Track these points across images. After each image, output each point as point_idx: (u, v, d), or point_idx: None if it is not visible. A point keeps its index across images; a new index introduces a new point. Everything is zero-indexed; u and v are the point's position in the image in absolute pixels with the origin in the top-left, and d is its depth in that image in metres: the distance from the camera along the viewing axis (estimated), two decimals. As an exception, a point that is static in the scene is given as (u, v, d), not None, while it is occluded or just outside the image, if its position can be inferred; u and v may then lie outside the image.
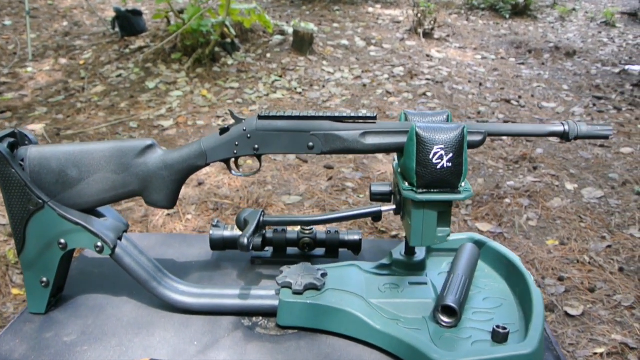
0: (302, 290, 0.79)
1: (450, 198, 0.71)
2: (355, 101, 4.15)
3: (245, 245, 0.72)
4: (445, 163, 0.69)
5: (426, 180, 0.70)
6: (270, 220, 0.82)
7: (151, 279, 0.82)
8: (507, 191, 2.90)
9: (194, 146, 0.80)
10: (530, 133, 0.77)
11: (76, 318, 0.84)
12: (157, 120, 3.76)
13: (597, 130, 0.76)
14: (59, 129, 3.53)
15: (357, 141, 0.76)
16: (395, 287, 0.83)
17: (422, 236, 0.73)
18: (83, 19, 6.15)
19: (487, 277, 0.90)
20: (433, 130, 0.70)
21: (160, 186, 0.80)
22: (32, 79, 4.39)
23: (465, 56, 5.24)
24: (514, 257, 0.88)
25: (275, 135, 0.77)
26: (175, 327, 0.82)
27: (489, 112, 3.94)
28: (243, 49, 5.16)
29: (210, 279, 0.94)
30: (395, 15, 6.65)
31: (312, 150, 0.77)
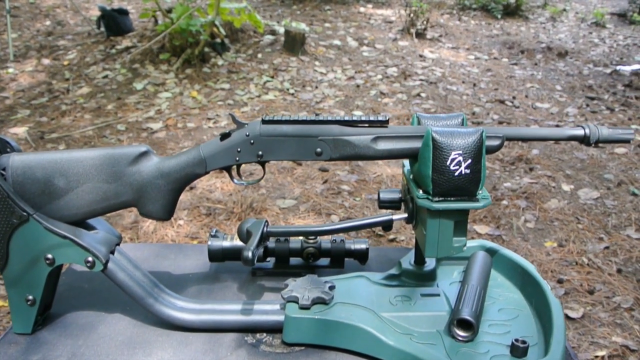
0: (309, 305, 0.74)
1: (468, 206, 0.66)
2: (348, 102, 4.10)
3: (249, 259, 0.67)
4: (463, 169, 0.64)
5: (443, 188, 0.66)
6: (274, 231, 0.77)
7: (147, 295, 0.77)
8: (504, 193, 2.87)
9: (193, 153, 0.74)
10: (550, 137, 0.72)
11: (65, 338, 0.78)
12: (145, 122, 3.69)
13: (619, 134, 0.72)
14: (42, 132, 3.44)
15: (368, 147, 0.71)
16: (407, 299, 0.78)
17: (438, 247, 0.68)
18: (66, 18, 6.04)
19: (501, 287, 0.85)
20: (450, 135, 0.65)
21: (156, 196, 0.74)
22: (13, 80, 4.29)
23: (458, 56, 5.22)
24: (529, 265, 0.84)
25: (281, 141, 0.72)
26: (174, 346, 0.76)
27: (484, 113, 3.91)
28: (233, 49, 5.10)
29: (209, 292, 0.89)
30: (387, 15, 6.62)
31: (320, 156, 0.72)
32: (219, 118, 3.81)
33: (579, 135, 0.72)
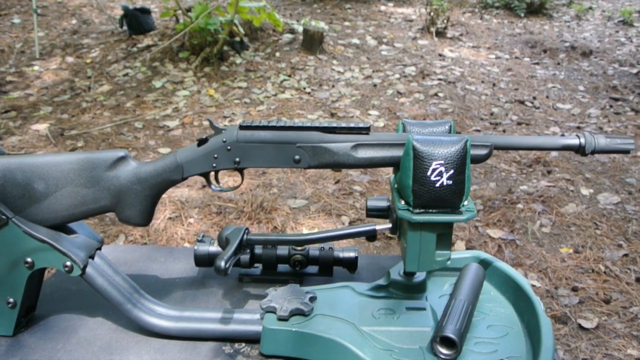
0: (287, 316, 0.72)
1: (450, 219, 0.63)
2: (365, 101, 4.07)
3: (222, 268, 0.65)
4: (445, 180, 0.61)
5: (423, 199, 0.63)
6: (254, 239, 0.75)
7: (126, 300, 0.76)
8: (519, 196, 2.81)
9: (170, 159, 0.73)
10: (542, 146, 0.69)
11: (45, 341, 0.78)
12: (162, 120, 3.71)
13: (617, 143, 0.67)
14: (63, 128, 3.49)
15: (348, 154, 0.68)
16: (391, 312, 0.75)
17: (419, 260, 0.65)
18: (92, 17, 6.13)
19: (493, 301, 0.82)
20: (432, 144, 0.62)
21: (133, 201, 0.73)
22: (38, 77, 4.37)
23: (479, 56, 5.13)
24: (523, 280, 0.80)
25: (258, 148, 0.70)
26: (151, 353, 0.75)
27: (502, 113, 3.84)
28: (252, 48, 5.10)
29: (193, 298, 0.88)
30: (408, 14, 6.54)
31: (298, 164, 0.70)
32: (235, 116, 3.81)
33: (573, 144, 0.68)
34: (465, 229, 2.57)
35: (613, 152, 0.68)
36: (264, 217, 2.59)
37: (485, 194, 2.82)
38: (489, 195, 2.81)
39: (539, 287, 2.20)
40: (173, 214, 2.59)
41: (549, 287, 2.20)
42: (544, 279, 2.26)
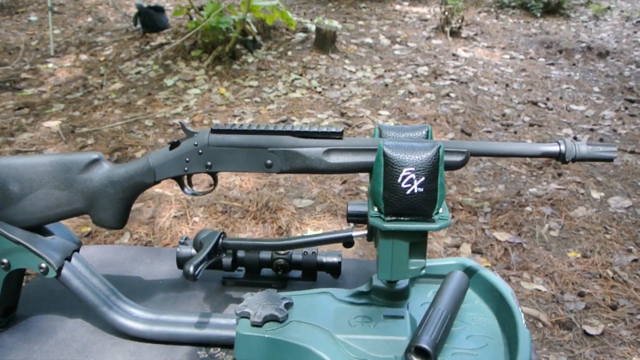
0: (260, 322, 0.71)
1: (421, 228, 0.61)
2: (375, 101, 4.04)
3: (190, 273, 0.64)
4: (415, 188, 0.59)
5: (394, 207, 0.61)
6: (230, 244, 0.74)
7: (101, 303, 0.76)
8: (528, 198, 2.76)
9: (142, 162, 0.72)
10: (521, 153, 0.67)
11: (23, 342, 0.78)
12: (172, 118, 3.73)
13: (599, 151, 0.65)
14: (74, 126, 3.53)
15: (320, 159, 0.67)
16: (368, 320, 0.74)
17: (392, 269, 0.64)
18: (107, 15, 6.19)
19: (476, 311, 0.80)
20: (403, 150, 0.60)
21: (106, 204, 0.73)
22: (52, 75, 4.42)
23: (493, 56, 5.06)
24: (506, 289, 0.78)
25: (229, 152, 0.69)
26: (126, 356, 0.75)
27: (514, 114, 3.78)
28: (265, 47, 5.10)
29: (174, 300, 0.87)
30: (423, 13, 6.49)
31: (270, 168, 0.69)
32: (245, 115, 3.82)
33: (553, 152, 0.66)
34: (471, 231, 2.54)
35: (595, 160, 0.66)
36: (269, 217, 2.59)
37: (494, 196, 2.78)
38: (497, 197, 2.77)
39: (544, 291, 2.16)
40: (178, 212, 2.60)
41: (554, 292, 2.16)
42: (550, 283, 2.22)
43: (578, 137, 3.44)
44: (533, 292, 2.16)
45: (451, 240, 2.48)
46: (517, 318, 0.72)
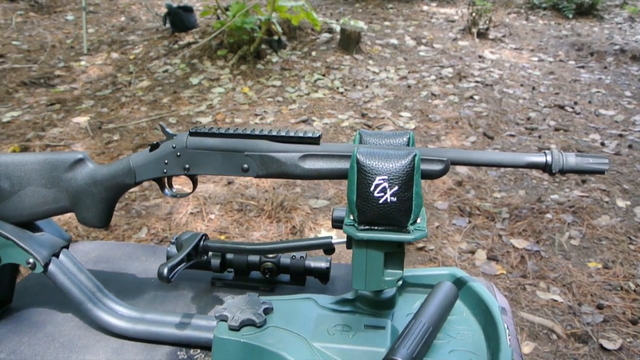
0: (237, 326, 0.71)
1: (394, 238, 0.60)
2: (397, 102, 4.01)
3: (164, 275, 0.65)
4: (389, 197, 0.58)
5: (367, 216, 0.60)
6: (211, 246, 0.74)
7: (86, 299, 0.77)
8: (549, 205, 2.70)
9: (123, 162, 0.73)
10: (504, 163, 0.64)
11: (13, 335, 0.80)
12: (196, 116, 3.78)
13: (589, 163, 0.62)
14: (101, 122, 3.61)
15: (295, 165, 0.66)
16: (348, 329, 0.73)
17: (366, 279, 0.63)
18: (140, 14, 6.31)
19: (464, 324, 0.78)
20: (376, 157, 0.59)
21: (89, 204, 0.74)
22: (84, 72, 4.53)
23: (521, 58, 4.96)
24: (493, 303, 0.76)
25: (206, 155, 0.69)
26: (108, 353, 0.76)
27: (540, 118, 3.70)
28: (290, 47, 5.12)
29: (163, 299, 0.88)
30: (450, 14, 6.41)
31: (247, 172, 0.69)
32: (266, 114, 3.84)
33: (539, 162, 0.64)
34: (488, 237, 2.49)
35: (585, 172, 0.63)
36: (283, 217, 2.60)
37: (513, 202, 2.72)
38: (517, 203, 2.71)
39: (560, 302, 2.11)
40: (195, 209, 2.63)
41: (571, 303, 2.10)
42: (567, 294, 2.16)
43: (606, 143, 3.34)
44: (549, 302, 2.11)
45: (466, 245, 2.44)
46: (501, 334, 0.70)
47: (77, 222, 2.48)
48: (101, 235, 2.40)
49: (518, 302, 2.12)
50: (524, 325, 2.00)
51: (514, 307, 2.09)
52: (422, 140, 3.45)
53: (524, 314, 2.05)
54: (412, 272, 0.86)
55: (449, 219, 2.65)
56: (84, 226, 2.45)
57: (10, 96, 3.93)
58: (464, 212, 2.68)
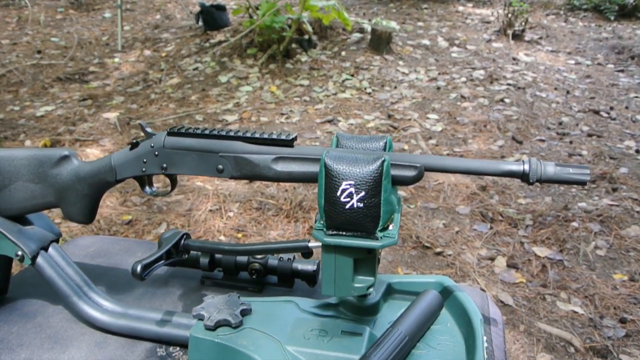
0: (213, 326, 0.71)
1: (361, 245, 0.59)
2: (425, 104, 3.96)
3: (136, 273, 0.65)
4: (355, 203, 0.57)
5: (334, 221, 0.59)
6: (191, 245, 0.75)
7: (72, 293, 0.78)
8: (576, 213, 2.61)
9: (105, 160, 0.74)
10: (480, 171, 0.62)
11: (4, 324, 0.82)
12: (222, 114, 3.82)
13: (569, 173, 0.59)
14: (130, 118, 3.69)
15: (268, 167, 0.66)
16: (324, 334, 0.72)
17: (335, 284, 0.62)
18: (174, 12, 6.43)
19: (446, 334, 0.76)
20: (344, 162, 0.58)
21: (74, 200, 0.75)
22: (117, 69, 4.64)
23: (557, 61, 4.82)
24: (475, 314, 0.74)
25: (183, 154, 0.69)
26: (90, 346, 0.77)
27: (572, 123, 3.59)
28: (320, 46, 5.12)
29: (151, 296, 0.89)
30: (486, 15, 6.29)
31: (222, 173, 0.68)
32: (292, 114, 3.85)
33: (516, 171, 0.61)
34: (509, 244, 2.43)
35: (564, 182, 0.60)
36: (301, 216, 2.60)
37: (538, 209, 2.65)
38: (542, 210, 2.63)
39: (581, 314, 2.04)
40: (214, 206, 2.66)
41: (593, 316, 2.03)
42: (589, 305, 2.09)
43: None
44: (568, 314, 2.04)
45: (486, 252, 2.39)
46: (478, 348, 0.68)
47: (99, 215, 2.54)
48: (121, 229, 2.45)
49: (536, 312, 2.06)
50: (541, 337, 1.94)
51: (531, 317, 2.03)
52: (448, 143, 3.39)
53: (542, 324, 2.00)
54: (399, 278, 0.85)
55: (470, 224, 2.60)
56: (104, 219, 2.51)
57: (45, 91, 4.06)
58: (486, 217, 2.62)
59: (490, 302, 0.90)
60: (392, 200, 0.60)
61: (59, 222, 2.42)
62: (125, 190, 2.75)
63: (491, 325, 0.84)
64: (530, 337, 1.94)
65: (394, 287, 0.84)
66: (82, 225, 2.32)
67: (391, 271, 2.30)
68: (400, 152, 3.27)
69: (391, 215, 0.61)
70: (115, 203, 2.65)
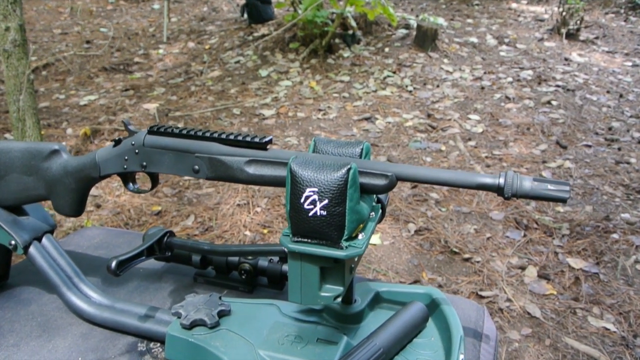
0: (188, 325, 0.71)
1: (325, 253, 0.57)
2: (467, 104, 3.86)
3: (111, 269, 0.66)
4: (318, 210, 0.55)
5: (299, 228, 0.57)
6: (173, 243, 0.75)
7: (62, 283, 0.80)
8: (617, 224, 2.48)
9: (90, 156, 0.75)
10: (452, 183, 0.59)
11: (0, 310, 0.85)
12: (260, 108, 3.85)
13: (546, 189, 0.55)
14: (169, 109, 3.77)
15: (241, 169, 0.65)
16: (299, 340, 0.70)
17: (301, 292, 0.60)
18: (221, 5, 6.52)
19: (429, 349, 0.73)
20: (311, 168, 0.56)
21: (62, 193, 0.77)
22: (160, 60, 4.75)
23: (612, 62, 4.59)
24: (457, 330, 0.70)
25: (161, 153, 0.69)
26: (75, 337, 0.79)
27: (623, 129, 3.40)
28: (364, 42, 5.07)
29: (143, 290, 0.90)
30: (539, 13, 6.05)
31: (197, 174, 0.68)
32: (330, 110, 3.83)
33: (491, 184, 0.57)
34: (542, 253, 2.33)
35: (542, 199, 0.56)
36: (328, 214, 2.58)
37: (576, 218, 2.53)
38: (580, 219, 2.51)
39: (613, 331, 1.93)
40: (242, 200, 2.68)
41: (625, 334, 1.92)
42: (622, 323, 1.97)
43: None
44: (599, 330, 1.94)
45: (517, 260, 2.30)
46: (455, 365, 0.64)
47: (130, 205, 2.61)
48: (150, 219, 2.51)
49: (565, 327, 1.97)
50: (567, 352, 1.86)
51: (559, 331, 1.94)
52: (488, 145, 3.29)
53: (569, 340, 1.91)
54: (388, 287, 0.82)
55: (502, 230, 2.51)
56: (134, 209, 2.58)
57: (90, 80, 4.21)
58: (520, 224, 2.53)
59: (486, 317, 0.86)
60: (359, 210, 0.57)
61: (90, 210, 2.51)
62: (158, 180, 2.82)
63: (482, 342, 0.80)
64: (555, 353, 1.86)
65: (382, 296, 0.81)
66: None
67: (416, 276, 2.25)
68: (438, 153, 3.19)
69: (359, 225, 0.58)
70: (147, 194, 2.71)
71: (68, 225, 2.38)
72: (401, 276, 2.23)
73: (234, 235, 2.45)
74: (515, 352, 1.88)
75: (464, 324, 0.81)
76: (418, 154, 3.19)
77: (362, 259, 2.35)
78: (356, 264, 0.67)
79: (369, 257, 2.37)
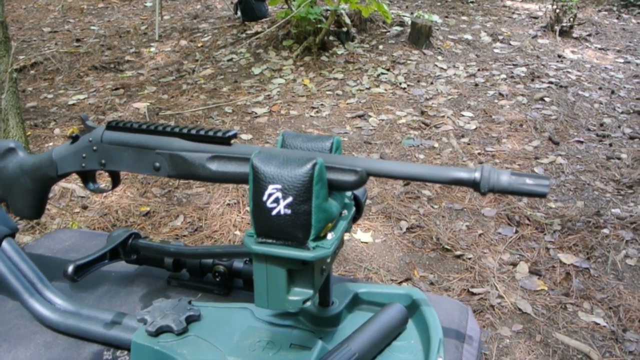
0: (154, 332, 0.67)
1: (291, 255, 0.53)
2: (460, 101, 3.83)
3: (68, 274, 0.62)
4: (282, 209, 0.52)
5: (262, 228, 0.54)
6: (139, 245, 0.71)
7: (24, 290, 0.76)
8: (608, 220, 2.45)
9: (47, 154, 0.71)
10: (425, 177, 0.55)
11: (-36, 316, 0.81)
12: (252, 106, 3.81)
13: (525, 184, 0.52)
14: (160, 108, 3.73)
15: (203, 166, 0.61)
16: (272, 346, 0.67)
17: (268, 296, 0.57)
18: (215, 2, 6.46)
19: (407, 352, 0.70)
20: (274, 163, 0.53)
21: (19, 194, 0.73)
22: (152, 58, 4.70)
23: (604, 59, 4.57)
24: (436, 332, 0.67)
25: (121, 150, 0.65)
26: (38, 346, 0.75)
27: (614, 125, 3.38)
28: (358, 39, 5.03)
29: (114, 295, 0.86)
30: (534, 10, 6.03)
31: (159, 172, 0.64)
32: (323, 108, 3.80)
33: (466, 179, 0.54)
34: (534, 249, 2.31)
35: (520, 194, 0.53)
36: (319, 213, 2.55)
37: (568, 214, 2.51)
38: (572, 215, 2.49)
39: (603, 326, 1.91)
40: (232, 200, 2.64)
41: (615, 328, 1.90)
42: (612, 317, 1.95)
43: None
44: (589, 325, 1.92)
45: (509, 257, 2.28)
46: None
47: (118, 206, 2.57)
48: (138, 220, 2.47)
49: (555, 322, 1.94)
50: (557, 348, 1.83)
51: (549, 327, 1.92)
52: (481, 142, 3.27)
53: (560, 335, 1.88)
54: (367, 288, 0.79)
55: (494, 227, 2.48)
56: (122, 210, 2.54)
57: (80, 79, 4.16)
58: (512, 221, 2.50)
59: (470, 317, 0.83)
60: (327, 208, 0.54)
61: (77, 212, 2.47)
62: (147, 182, 2.78)
63: (465, 343, 0.77)
64: (546, 348, 1.84)
65: (361, 297, 0.78)
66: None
67: (407, 273, 2.22)
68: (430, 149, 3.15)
69: (327, 224, 0.55)
70: (136, 194, 2.67)
71: (53, 227, 2.34)
72: (393, 274, 2.20)
73: (224, 235, 2.42)
74: (506, 348, 1.86)
75: (446, 325, 0.78)
76: (411, 151, 3.16)
77: (354, 257, 2.32)
78: (328, 265, 0.63)
79: (360, 256, 2.34)
